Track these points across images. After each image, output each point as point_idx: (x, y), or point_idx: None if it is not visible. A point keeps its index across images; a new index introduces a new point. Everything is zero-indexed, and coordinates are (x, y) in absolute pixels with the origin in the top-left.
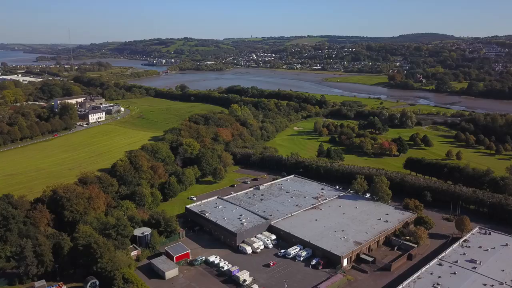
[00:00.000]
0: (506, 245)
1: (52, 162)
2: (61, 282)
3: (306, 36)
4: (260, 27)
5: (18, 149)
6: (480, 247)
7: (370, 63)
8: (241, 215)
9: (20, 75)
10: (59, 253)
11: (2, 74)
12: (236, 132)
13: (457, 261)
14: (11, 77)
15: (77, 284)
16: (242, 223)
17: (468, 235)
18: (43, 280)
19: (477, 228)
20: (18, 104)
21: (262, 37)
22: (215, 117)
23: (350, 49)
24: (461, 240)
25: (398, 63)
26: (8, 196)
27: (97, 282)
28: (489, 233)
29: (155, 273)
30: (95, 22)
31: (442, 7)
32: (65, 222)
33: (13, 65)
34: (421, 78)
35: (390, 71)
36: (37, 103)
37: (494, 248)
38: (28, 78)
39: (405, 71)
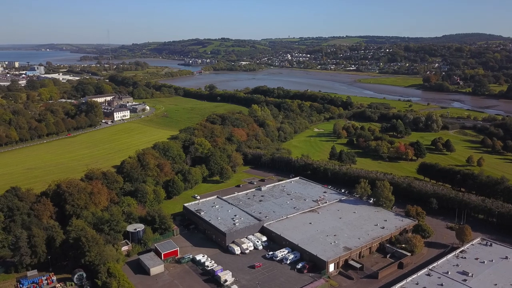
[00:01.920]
0: (506, 258)
1: (72, 157)
2: (52, 273)
3: (345, 36)
4: (298, 28)
5: (43, 144)
6: (476, 258)
7: (407, 64)
8: (235, 215)
9: (61, 74)
10: (52, 245)
11: (45, 73)
12: (252, 133)
13: (447, 272)
14: (52, 75)
15: (67, 275)
16: (234, 224)
17: (467, 245)
18: (35, 270)
19: (478, 239)
20: (51, 101)
21: (300, 38)
22: (232, 117)
23: (387, 50)
24: (458, 250)
25: (436, 65)
26: (15, 189)
27: (84, 275)
28: (490, 245)
29: (142, 269)
30: (138, 23)
31: (489, 6)
32: (66, 215)
33: (57, 64)
34: (458, 80)
35: (428, 72)
36: (69, 100)
37: (492, 260)
38: (67, 77)
39: (443, 73)
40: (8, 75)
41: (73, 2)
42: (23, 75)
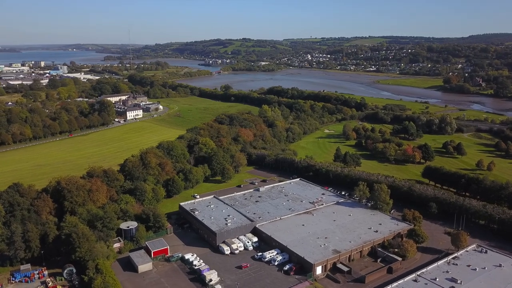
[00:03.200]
0: (500, 265)
1: (81, 155)
2: (45, 267)
3: (367, 36)
4: (320, 28)
5: (55, 142)
6: (468, 265)
7: (429, 65)
8: (228, 216)
9: (82, 73)
10: (45, 240)
11: (68, 72)
12: (259, 133)
13: (435, 278)
14: (74, 75)
15: (60, 270)
16: (226, 224)
17: (461, 252)
18: (29, 264)
19: (473, 245)
20: (69, 100)
21: (322, 38)
22: (240, 117)
23: (409, 50)
24: (450, 256)
25: (459, 66)
26: (17, 185)
27: (74, 270)
28: (485, 252)
29: (131, 266)
30: (161, 24)
31: None
32: (64, 211)
33: (81, 64)
34: (480, 82)
35: (450, 73)
36: (85, 99)
37: (484, 268)
38: (88, 76)
39: (466, 74)
40: (33, 74)
41: (99, 3)
42: (47, 74)
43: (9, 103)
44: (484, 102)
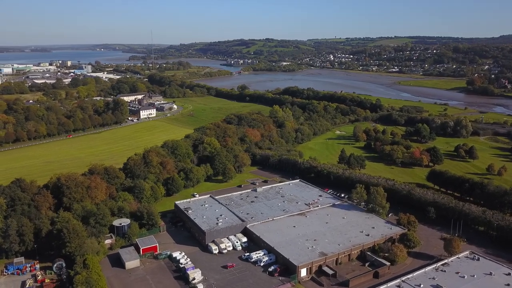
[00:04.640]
0: (490, 274)
1: (90, 152)
2: (37, 261)
3: (393, 37)
4: (345, 28)
5: (68, 139)
6: (457, 272)
7: (454, 66)
8: (221, 215)
9: (105, 73)
10: (39, 234)
11: (92, 72)
12: (267, 133)
13: (420, 285)
14: (97, 74)
15: (51, 264)
16: (217, 223)
17: (452, 258)
18: (22, 257)
19: (466, 252)
20: (86, 99)
21: (346, 38)
22: (248, 117)
23: (434, 51)
24: (440, 263)
25: (486, 67)
26: (19, 180)
27: (64, 264)
28: (478, 259)
29: (120, 262)
30: (186, 24)
31: None
32: (63, 207)
33: (105, 63)
34: (506, 83)
35: (476, 75)
36: (103, 98)
37: (474, 275)
38: (110, 76)
39: (493, 76)
40: (59, 73)
41: (127, 4)
42: (71, 74)
43: (30, 101)
44: (508, 105)
